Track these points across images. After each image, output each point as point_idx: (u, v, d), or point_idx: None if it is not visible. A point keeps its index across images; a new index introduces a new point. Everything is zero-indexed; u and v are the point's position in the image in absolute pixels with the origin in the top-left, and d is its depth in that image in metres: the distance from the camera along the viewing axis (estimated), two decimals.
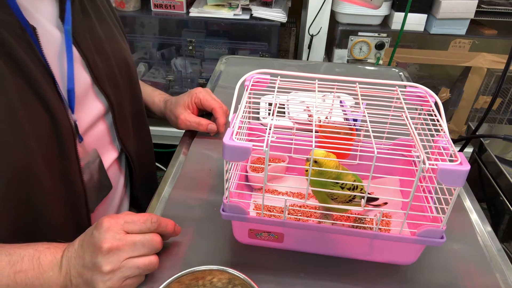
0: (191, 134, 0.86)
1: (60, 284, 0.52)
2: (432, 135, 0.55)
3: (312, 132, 0.52)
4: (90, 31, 0.66)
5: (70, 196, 0.63)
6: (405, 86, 0.62)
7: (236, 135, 0.50)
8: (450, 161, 0.47)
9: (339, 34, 1.56)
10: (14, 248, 0.53)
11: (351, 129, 0.65)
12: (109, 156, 0.73)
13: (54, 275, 0.52)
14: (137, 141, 0.80)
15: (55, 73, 0.58)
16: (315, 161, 0.52)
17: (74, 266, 0.52)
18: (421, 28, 1.54)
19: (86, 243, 0.52)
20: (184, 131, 0.87)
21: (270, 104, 0.85)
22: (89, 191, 0.66)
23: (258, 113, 0.87)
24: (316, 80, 0.61)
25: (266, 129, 0.50)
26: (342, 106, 0.69)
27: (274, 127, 0.52)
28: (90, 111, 0.67)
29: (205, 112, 0.88)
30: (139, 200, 0.84)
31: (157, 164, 1.92)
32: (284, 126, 0.67)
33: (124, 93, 0.73)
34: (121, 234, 0.51)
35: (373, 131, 0.51)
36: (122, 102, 0.73)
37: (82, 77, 0.64)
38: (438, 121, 0.55)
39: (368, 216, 0.63)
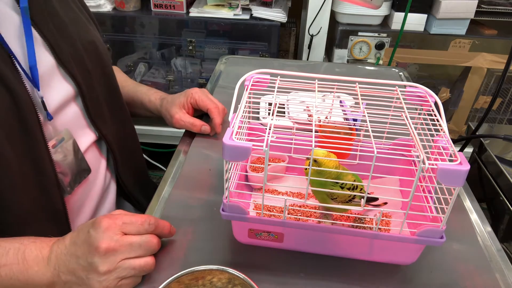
0: (191, 134, 0.86)
1: (47, 279, 0.52)
2: (432, 135, 0.55)
3: (312, 132, 0.52)
4: (52, 16, 0.65)
5: (40, 176, 0.61)
6: (405, 86, 0.62)
7: (236, 135, 0.50)
8: (450, 161, 0.47)
9: (339, 34, 1.56)
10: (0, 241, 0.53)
11: (351, 129, 0.65)
12: (86, 139, 0.72)
13: (39, 271, 0.52)
14: (115, 126, 0.78)
15: (16, 51, 0.57)
16: (315, 161, 0.52)
17: (64, 263, 0.52)
18: (421, 28, 1.54)
19: (81, 241, 0.52)
20: (184, 130, 0.87)
21: (270, 104, 0.85)
22: (63, 172, 0.65)
23: (258, 113, 0.87)
24: (316, 80, 0.61)
25: (266, 129, 0.50)
26: (342, 106, 0.69)
27: (274, 127, 0.52)
28: (57, 92, 0.66)
29: (203, 113, 0.88)
30: (127, 188, 0.83)
31: (157, 164, 1.93)
32: (284, 126, 0.67)
33: (95, 77, 0.72)
34: (118, 235, 0.51)
35: (373, 131, 0.51)
36: (93, 85, 0.71)
37: (45, 58, 0.63)
38: (438, 121, 0.55)
39: (368, 216, 0.63)
